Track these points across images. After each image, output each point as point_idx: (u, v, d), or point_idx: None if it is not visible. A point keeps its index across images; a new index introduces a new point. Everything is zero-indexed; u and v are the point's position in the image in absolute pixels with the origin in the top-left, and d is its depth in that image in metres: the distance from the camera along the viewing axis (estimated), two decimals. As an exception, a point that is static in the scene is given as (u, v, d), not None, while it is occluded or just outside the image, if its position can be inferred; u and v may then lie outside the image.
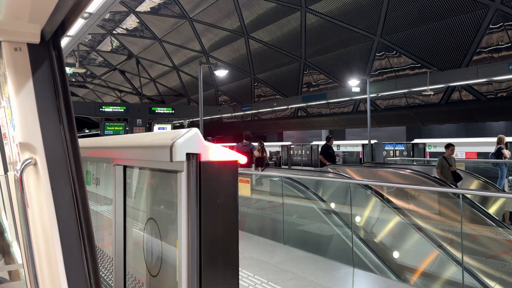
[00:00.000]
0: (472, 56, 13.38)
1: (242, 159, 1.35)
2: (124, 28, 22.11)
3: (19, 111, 1.15)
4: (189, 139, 1.24)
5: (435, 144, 16.79)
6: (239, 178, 1.35)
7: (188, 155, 1.23)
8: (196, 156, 1.24)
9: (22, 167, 1.14)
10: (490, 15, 12.10)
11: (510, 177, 10.21)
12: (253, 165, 11.62)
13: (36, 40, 1.16)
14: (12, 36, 1.14)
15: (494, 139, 10.93)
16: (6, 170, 2.31)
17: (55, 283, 1.18)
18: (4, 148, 2.02)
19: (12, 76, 1.15)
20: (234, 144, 30.51)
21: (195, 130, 1.27)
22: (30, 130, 1.15)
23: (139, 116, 22.70)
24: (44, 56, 1.18)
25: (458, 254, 5.17)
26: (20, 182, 1.14)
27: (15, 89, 1.14)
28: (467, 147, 15.28)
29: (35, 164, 1.16)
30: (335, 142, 24.13)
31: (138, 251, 1.79)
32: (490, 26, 12.37)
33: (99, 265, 1.93)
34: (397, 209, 6.53)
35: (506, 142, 10.74)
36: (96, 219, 2.53)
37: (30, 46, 1.16)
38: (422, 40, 14.21)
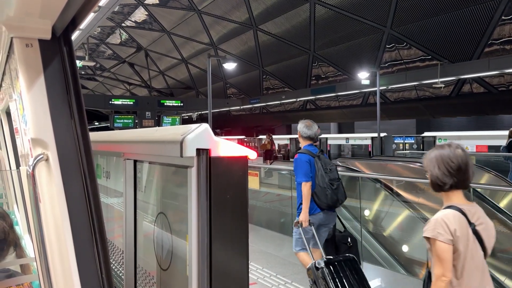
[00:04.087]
0: (484, 48, 13.20)
1: (252, 154, 1.35)
2: (133, 20, 22.14)
3: (31, 107, 1.16)
4: (199, 135, 1.24)
5: (445, 137, 16.63)
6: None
7: (198, 150, 1.24)
8: (206, 151, 1.25)
9: (34, 162, 1.15)
10: (502, 6, 11.92)
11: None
12: None
13: (47, 36, 1.17)
14: (24, 32, 1.14)
15: (506, 132, 10.80)
16: (18, 165, 2.34)
17: (67, 276, 1.19)
18: (16, 142, 2.04)
19: (23, 72, 1.15)
20: (243, 137, 30.37)
21: (205, 126, 1.27)
22: (41, 126, 1.16)
23: (148, 109, 22.78)
24: (55, 52, 1.18)
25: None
26: (32, 177, 1.15)
27: (26, 85, 1.15)
28: (478, 140, 15.13)
29: (47, 160, 1.17)
30: (342, 135, 24.03)
31: (149, 244, 1.81)
32: (502, 17, 12.19)
33: (110, 258, 1.95)
34: (407, 202, 6.50)
35: (518, 135, 10.60)
36: (106, 211, 2.55)
37: (41, 42, 1.17)
38: (433, 31, 14.04)
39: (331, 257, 3.74)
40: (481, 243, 2.19)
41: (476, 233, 2.17)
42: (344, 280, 3.34)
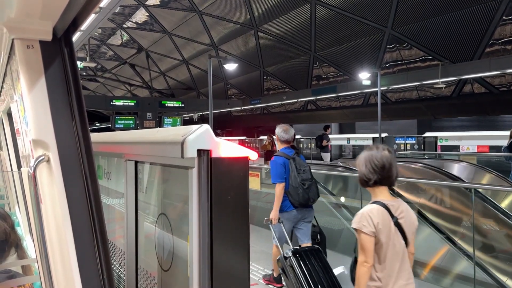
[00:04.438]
0: (485, 48, 13.18)
1: (253, 155, 1.35)
2: (134, 21, 22.16)
3: (32, 108, 1.16)
4: (200, 136, 1.24)
5: (446, 137, 16.61)
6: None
7: (199, 151, 1.24)
8: (207, 152, 1.24)
9: (35, 163, 1.15)
10: (503, 7, 11.90)
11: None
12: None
13: (48, 37, 1.17)
14: (24, 34, 1.15)
15: (507, 133, 10.78)
16: (19, 166, 2.34)
17: (68, 277, 1.19)
18: (17, 143, 2.04)
19: (24, 73, 1.15)
20: (244, 137, 30.38)
21: (206, 127, 1.27)
22: (43, 127, 1.16)
23: (149, 110, 22.80)
24: (56, 53, 1.19)
25: (469, 249, 5.14)
26: (33, 178, 1.15)
27: (27, 86, 1.15)
28: (479, 141, 15.12)
29: (48, 161, 1.17)
30: (343, 135, 23.98)
31: (150, 245, 1.81)
32: (503, 17, 12.17)
33: (111, 258, 1.95)
34: (408, 203, 6.48)
35: (519, 136, 10.57)
36: (108, 212, 2.55)
37: (42, 43, 1.17)
38: (434, 32, 14.03)
39: (298, 247, 4.10)
40: (402, 233, 2.50)
41: (398, 225, 2.49)
42: (310, 268, 3.63)
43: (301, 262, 3.63)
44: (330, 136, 16.27)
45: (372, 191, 2.61)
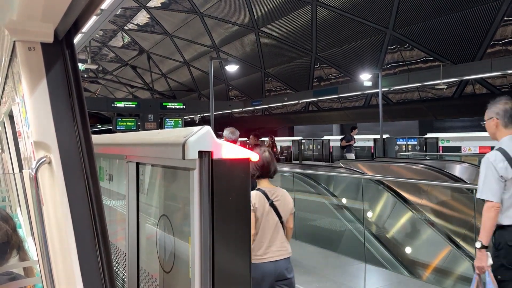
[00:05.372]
0: (486, 49, 13.18)
1: (254, 156, 1.35)
2: (135, 23, 22.20)
3: (34, 110, 1.16)
4: (201, 137, 1.24)
5: (448, 138, 16.59)
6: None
7: (200, 153, 1.23)
8: (208, 154, 1.24)
9: (37, 165, 1.15)
10: (504, 7, 11.90)
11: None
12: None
13: (50, 39, 1.17)
14: (26, 36, 1.15)
15: (509, 133, 10.74)
16: (21, 168, 2.35)
17: (69, 279, 1.19)
18: (19, 145, 2.04)
19: (26, 75, 1.16)
20: (245, 139, 30.54)
21: (207, 128, 1.27)
22: (44, 129, 1.16)
23: (151, 112, 22.84)
24: (57, 55, 1.19)
25: (471, 250, 5.13)
26: (35, 180, 1.15)
27: (29, 88, 1.16)
28: (481, 142, 15.10)
29: (49, 163, 1.17)
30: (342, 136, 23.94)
31: (151, 247, 1.81)
32: (505, 18, 12.17)
33: (113, 260, 1.95)
34: (410, 204, 6.49)
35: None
36: (109, 214, 2.55)
37: (44, 45, 1.17)
38: (435, 33, 14.03)
39: None
40: (277, 212, 3.26)
41: (273, 206, 3.26)
42: None
43: None
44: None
45: (258, 182, 3.37)
